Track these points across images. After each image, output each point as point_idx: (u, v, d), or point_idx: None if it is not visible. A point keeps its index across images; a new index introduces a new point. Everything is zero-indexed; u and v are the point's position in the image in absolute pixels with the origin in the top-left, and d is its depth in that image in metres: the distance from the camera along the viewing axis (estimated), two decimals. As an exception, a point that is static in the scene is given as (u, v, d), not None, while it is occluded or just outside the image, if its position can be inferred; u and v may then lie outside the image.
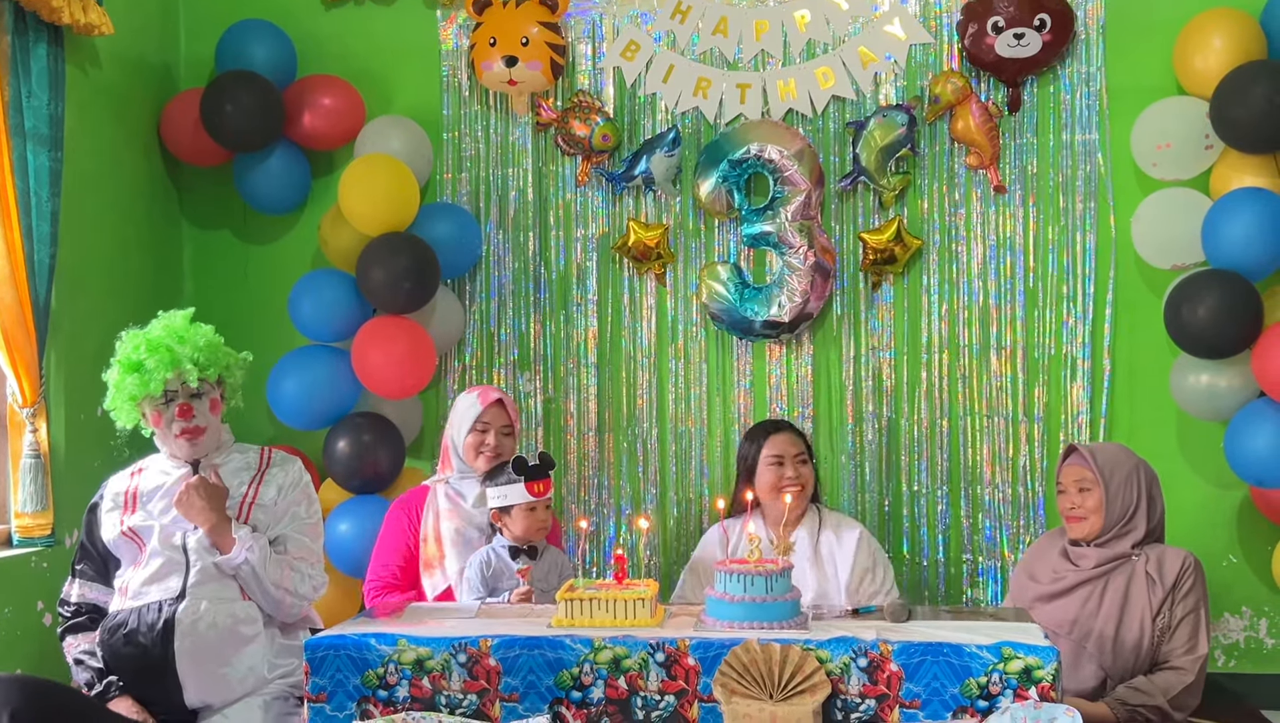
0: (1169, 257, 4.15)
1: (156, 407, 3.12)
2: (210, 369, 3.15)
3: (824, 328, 4.49)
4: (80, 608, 3.20)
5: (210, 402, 3.17)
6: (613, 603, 2.86)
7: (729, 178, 4.38)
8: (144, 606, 3.06)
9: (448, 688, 2.79)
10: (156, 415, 3.13)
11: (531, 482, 3.37)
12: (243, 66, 4.46)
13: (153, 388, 3.07)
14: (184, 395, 3.12)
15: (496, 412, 3.63)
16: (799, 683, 2.64)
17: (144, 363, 3.08)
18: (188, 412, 3.11)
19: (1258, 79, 3.90)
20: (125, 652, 3.05)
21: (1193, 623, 3.20)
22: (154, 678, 3.03)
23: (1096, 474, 3.29)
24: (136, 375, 3.09)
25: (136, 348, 3.10)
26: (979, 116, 4.31)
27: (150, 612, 3.05)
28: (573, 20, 4.59)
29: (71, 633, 3.18)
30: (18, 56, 3.74)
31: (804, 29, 4.48)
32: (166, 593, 3.06)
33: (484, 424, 3.61)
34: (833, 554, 3.55)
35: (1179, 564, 3.24)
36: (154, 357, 3.08)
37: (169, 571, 3.08)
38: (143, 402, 3.12)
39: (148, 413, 3.15)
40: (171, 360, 3.07)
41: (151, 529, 3.12)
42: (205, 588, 3.07)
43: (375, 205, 4.27)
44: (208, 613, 3.05)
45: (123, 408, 3.15)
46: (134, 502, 3.18)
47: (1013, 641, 2.66)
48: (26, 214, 3.75)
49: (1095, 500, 3.30)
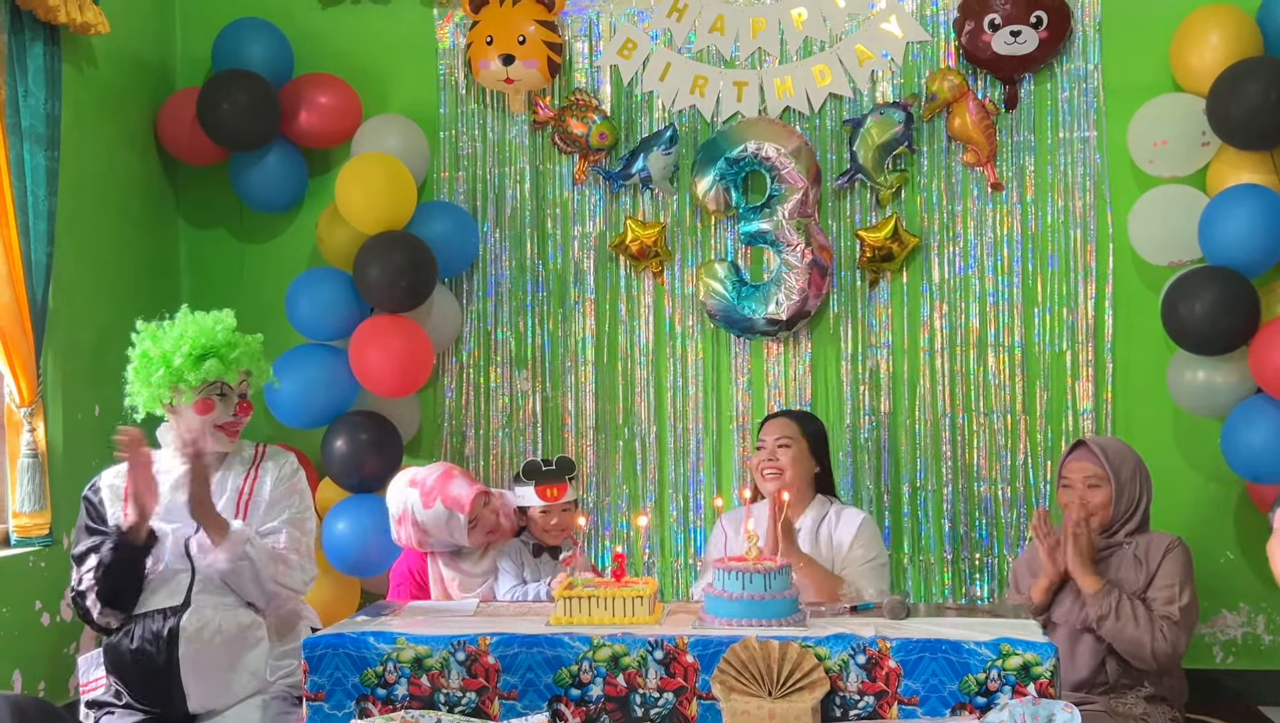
0: (1166, 253, 4.15)
1: (210, 395, 3.09)
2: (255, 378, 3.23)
3: (822, 326, 4.49)
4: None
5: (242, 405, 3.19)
6: (611, 601, 2.85)
7: (726, 176, 4.38)
8: (147, 613, 3.02)
9: (447, 686, 2.79)
10: (205, 405, 3.09)
11: (543, 486, 3.37)
12: (239, 65, 4.45)
13: (229, 375, 3.10)
14: (237, 394, 3.15)
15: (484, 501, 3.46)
16: (798, 680, 2.64)
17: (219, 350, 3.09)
18: (247, 409, 3.17)
19: (1254, 76, 3.90)
20: (129, 662, 3.01)
21: (1170, 594, 3.19)
22: (158, 687, 3.01)
23: (1108, 471, 3.30)
24: (214, 361, 3.07)
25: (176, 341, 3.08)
26: (976, 114, 4.32)
27: (154, 621, 3.01)
28: (569, 18, 4.59)
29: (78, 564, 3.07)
30: (14, 55, 3.74)
31: (801, 27, 4.48)
32: (171, 600, 3.03)
33: (473, 521, 3.41)
34: (831, 536, 3.53)
35: (1164, 546, 3.27)
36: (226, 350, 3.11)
37: (173, 577, 3.05)
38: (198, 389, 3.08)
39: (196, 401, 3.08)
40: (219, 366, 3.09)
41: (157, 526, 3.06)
42: (209, 596, 3.04)
43: (372, 204, 4.27)
44: (213, 620, 3.02)
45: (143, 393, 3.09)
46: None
47: (1011, 637, 2.66)
48: (23, 213, 3.75)
49: (1103, 497, 3.31)
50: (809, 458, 3.60)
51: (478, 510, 3.41)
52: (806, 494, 3.60)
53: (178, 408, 3.11)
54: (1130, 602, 3.15)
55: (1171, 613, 3.16)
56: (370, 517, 4.22)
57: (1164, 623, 3.14)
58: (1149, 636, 3.12)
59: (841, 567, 3.47)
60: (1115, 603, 3.14)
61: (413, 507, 3.41)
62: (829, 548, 3.51)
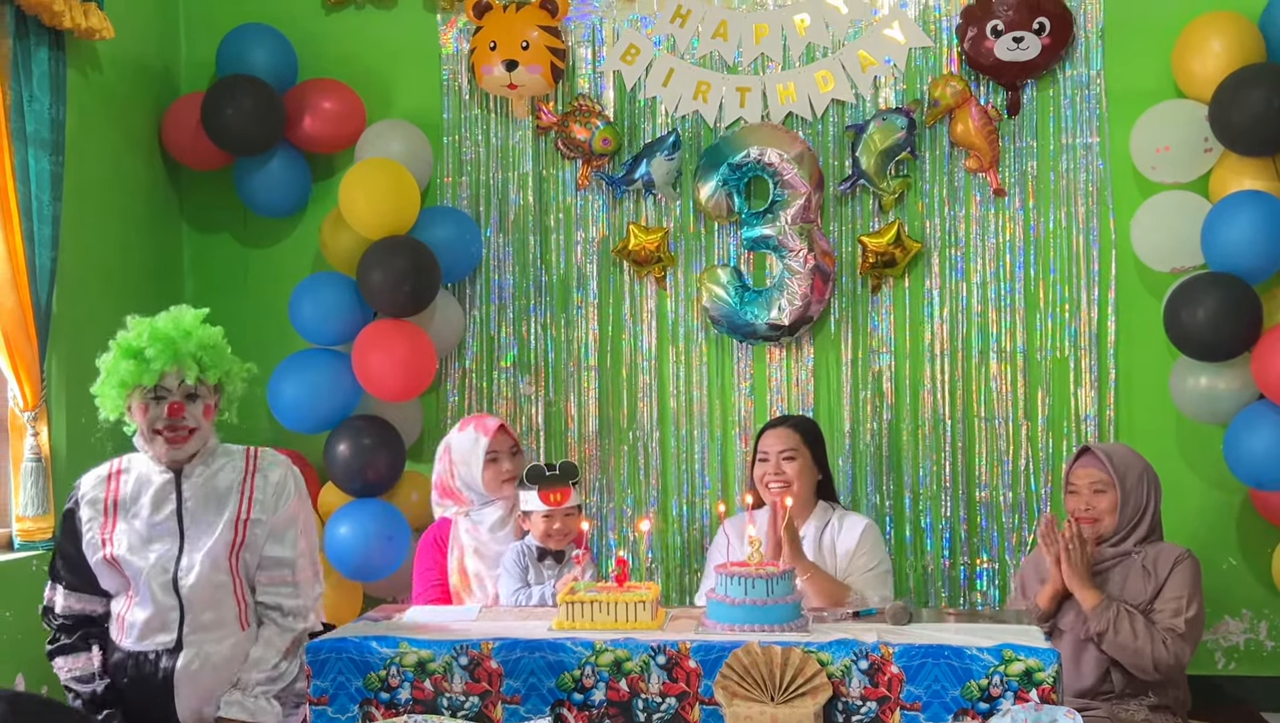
0: (1168, 260, 4.16)
1: (146, 400, 2.90)
2: (211, 371, 2.96)
3: (824, 331, 4.49)
4: (66, 622, 3.00)
5: (204, 407, 2.97)
6: (614, 606, 2.86)
7: (729, 181, 4.39)
8: (140, 652, 2.94)
9: (449, 690, 2.80)
10: (144, 409, 2.91)
11: (546, 491, 3.38)
12: (243, 70, 4.46)
13: (147, 378, 2.88)
14: (179, 394, 2.91)
15: (501, 438, 3.61)
16: (800, 685, 2.64)
17: (144, 351, 2.88)
18: (178, 410, 2.90)
19: (1256, 82, 3.91)
20: (126, 698, 2.94)
21: (1178, 606, 3.18)
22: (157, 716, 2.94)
23: (1112, 476, 3.30)
24: (133, 362, 2.88)
25: (140, 335, 2.91)
26: (978, 120, 4.32)
27: (147, 664, 2.93)
28: (573, 24, 4.60)
29: (61, 655, 2.99)
30: (19, 61, 3.75)
31: (803, 33, 4.49)
32: (163, 642, 2.93)
33: (494, 453, 3.57)
34: (835, 543, 3.53)
35: (1173, 557, 3.26)
36: (155, 346, 2.88)
37: (162, 617, 2.92)
38: (133, 393, 2.91)
39: (135, 406, 2.92)
40: (173, 354, 2.89)
41: (137, 559, 2.92)
42: (201, 634, 2.93)
43: (376, 209, 4.28)
44: (208, 660, 2.93)
45: (111, 395, 2.93)
46: (114, 512, 2.97)
47: (1014, 643, 2.66)
48: (28, 218, 3.75)
49: (1109, 502, 3.31)
50: (813, 467, 3.60)
51: (500, 447, 3.54)
52: (809, 502, 3.60)
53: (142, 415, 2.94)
54: (1129, 616, 3.14)
55: (1177, 626, 3.16)
56: (373, 521, 4.22)
57: (1168, 635, 3.14)
58: (1150, 647, 3.12)
59: (845, 575, 3.47)
60: (1114, 618, 3.14)
61: (451, 435, 3.63)
62: (832, 556, 3.51)
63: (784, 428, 3.65)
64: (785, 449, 3.57)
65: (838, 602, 3.23)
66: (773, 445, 3.59)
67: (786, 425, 3.67)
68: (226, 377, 3.03)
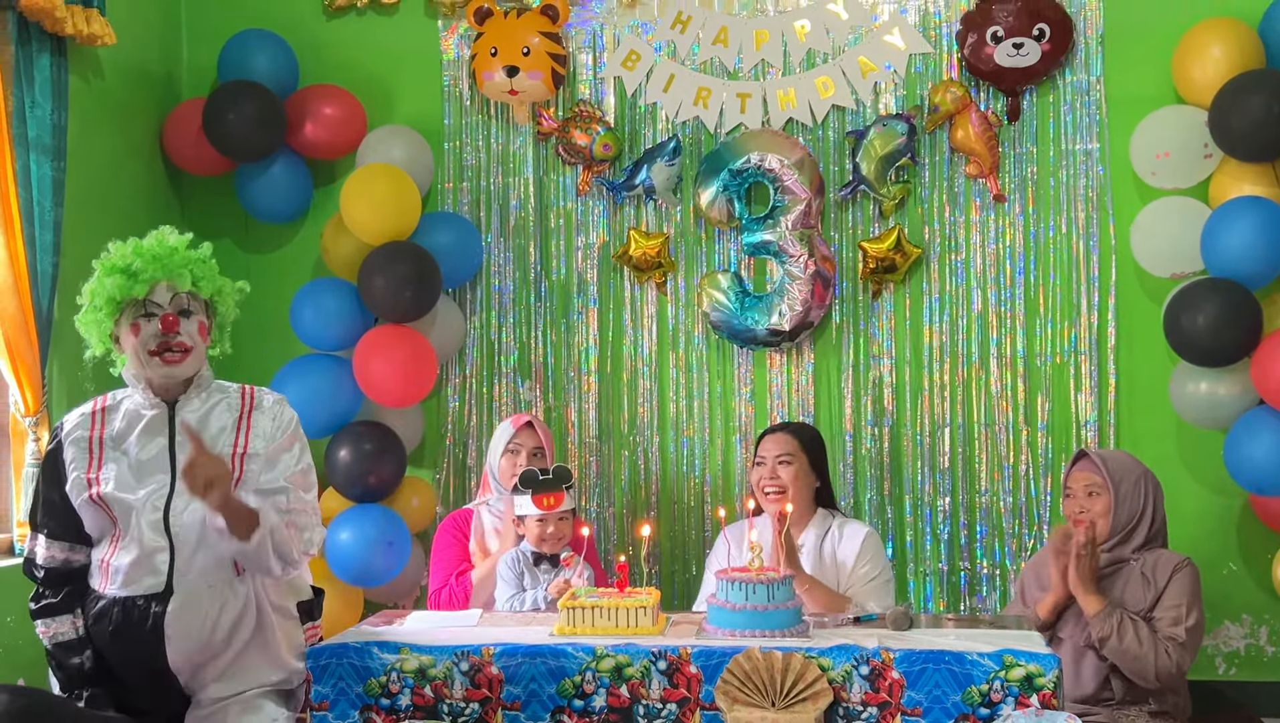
0: (1168, 265, 4.16)
1: (137, 318, 2.73)
2: (203, 282, 2.80)
3: (824, 337, 4.50)
4: (51, 576, 2.82)
5: (199, 324, 2.79)
6: (615, 611, 2.86)
7: (729, 187, 4.39)
8: (128, 597, 2.74)
9: (450, 696, 2.80)
10: (134, 330, 2.73)
11: (539, 495, 3.39)
12: (245, 76, 4.47)
13: (138, 290, 2.71)
14: (172, 308, 2.74)
15: (527, 434, 3.74)
16: (801, 691, 2.64)
17: (131, 265, 2.72)
18: (172, 324, 2.72)
19: (1256, 88, 3.91)
20: (113, 647, 2.77)
21: (1177, 615, 3.18)
22: (146, 677, 2.78)
23: (1106, 479, 3.30)
24: (121, 277, 2.72)
25: (125, 252, 2.76)
26: (978, 126, 4.33)
27: (134, 610, 2.73)
28: (573, 30, 4.61)
29: (45, 615, 2.83)
30: (21, 66, 3.75)
31: (804, 39, 4.50)
32: (151, 586, 2.74)
33: (516, 445, 3.73)
34: (835, 552, 3.53)
35: (1172, 565, 3.25)
36: (143, 259, 2.73)
37: (151, 557, 2.74)
38: (123, 313, 2.74)
39: (124, 331, 2.75)
40: (163, 266, 2.73)
41: (126, 496, 2.75)
42: (193, 578, 2.74)
43: (377, 214, 4.28)
44: (200, 607, 2.74)
45: (98, 320, 2.76)
46: (100, 452, 2.79)
47: (1014, 648, 2.66)
48: (29, 223, 3.75)
49: (1103, 505, 3.31)
50: (810, 473, 3.60)
51: (524, 442, 3.72)
52: (808, 509, 3.60)
53: (134, 334, 2.75)
54: (1133, 622, 3.14)
55: (1177, 634, 3.15)
56: (374, 527, 4.22)
57: (1169, 644, 3.14)
58: (1152, 655, 3.11)
59: (847, 584, 3.47)
60: (1117, 623, 3.14)
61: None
62: (833, 564, 3.51)
63: (782, 433, 3.65)
64: (781, 454, 3.57)
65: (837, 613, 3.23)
66: (769, 450, 3.59)
67: (785, 431, 3.67)
68: (219, 294, 2.87)
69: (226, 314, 2.91)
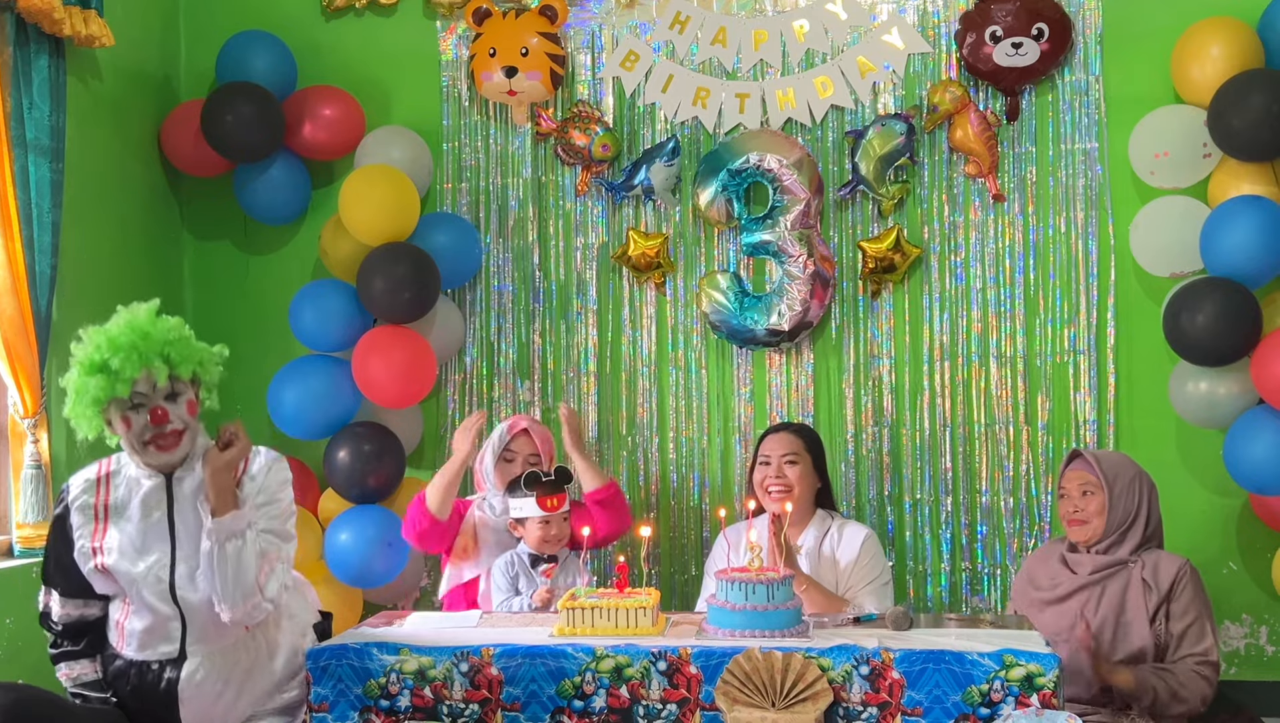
0: (1167, 265, 4.16)
1: (125, 412, 2.76)
2: (182, 366, 2.79)
3: (824, 337, 4.50)
4: (67, 628, 2.92)
5: (186, 403, 2.81)
6: (614, 612, 2.86)
7: (728, 187, 4.39)
8: (144, 662, 2.84)
9: (450, 697, 2.80)
10: (125, 422, 2.77)
11: (544, 497, 3.38)
12: (243, 77, 4.47)
13: (119, 391, 2.72)
14: (157, 397, 2.76)
15: (522, 441, 3.72)
16: (801, 691, 2.64)
17: (108, 363, 2.72)
18: (162, 417, 2.75)
19: (1255, 87, 3.91)
20: (130, 704, 2.86)
21: (1198, 631, 3.19)
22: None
23: (1100, 479, 3.30)
24: (100, 377, 2.73)
25: (98, 348, 2.74)
26: (977, 125, 4.33)
27: (150, 674, 2.84)
28: (572, 30, 4.61)
29: (65, 661, 2.92)
30: (19, 68, 3.75)
31: (802, 39, 4.49)
32: (165, 652, 2.83)
33: (510, 453, 3.73)
34: (834, 553, 3.53)
35: (1174, 570, 3.24)
36: (118, 356, 2.72)
37: (163, 628, 2.82)
38: (109, 407, 2.76)
39: (115, 420, 2.78)
40: (139, 359, 2.73)
41: (129, 567, 2.82)
42: (205, 644, 2.84)
43: (375, 215, 4.28)
44: (212, 670, 2.84)
45: (85, 415, 2.77)
46: (105, 519, 2.86)
47: (1014, 648, 2.66)
48: (28, 225, 3.75)
49: (1098, 505, 3.30)
50: (813, 474, 3.62)
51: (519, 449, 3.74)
52: (809, 510, 3.60)
53: (125, 428, 2.80)
54: (1164, 681, 3.13)
55: (1208, 653, 3.17)
56: (373, 527, 4.22)
57: (1203, 668, 3.15)
58: (1196, 691, 3.14)
59: (846, 586, 3.47)
60: (1156, 686, 3.13)
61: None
62: (831, 565, 3.51)
63: (786, 433, 3.66)
64: (787, 453, 3.58)
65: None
66: (774, 450, 3.59)
67: (789, 431, 3.68)
68: (200, 367, 2.86)
69: (212, 379, 2.91)
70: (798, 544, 3.54)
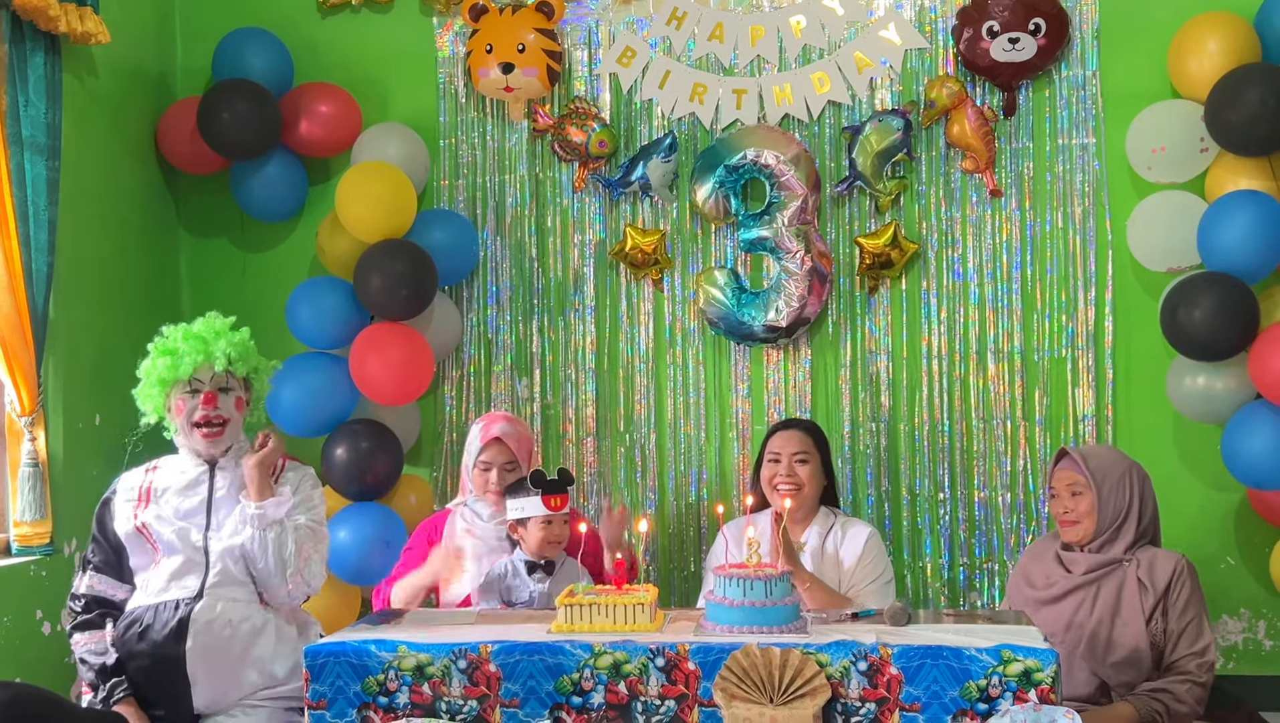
0: (1165, 259, 4.16)
1: (183, 395, 3.16)
2: (239, 364, 3.22)
3: (821, 332, 4.50)
4: (89, 602, 3.18)
5: (236, 400, 3.22)
6: (612, 608, 2.86)
7: (725, 183, 4.39)
8: (161, 602, 3.08)
9: (448, 694, 2.79)
10: (181, 404, 3.16)
11: (548, 496, 3.37)
12: (239, 75, 4.46)
13: (182, 372, 3.14)
14: (211, 386, 3.17)
15: (497, 450, 3.60)
16: (799, 687, 2.64)
17: (177, 349, 3.16)
18: (211, 400, 3.16)
19: (1252, 82, 3.91)
20: (138, 648, 3.06)
21: (1195, 630, 3.18)
22: (164, 676, 3.05)
23: (1088, 478, 3.27)
24: (169, 359, 3.15)
25: (174, 337, 3.20)
26: (974, 121, 4.33)
27: (166, 609, 3.07)
28: (569, 27, 4.60)
29: (80, 630, 3.16)
30: (15, 65, 3.75)
31: (799, 35, 4.49)
32: (184, 592, 3.09)
33: (485, 462, 3.60)
34: (837, 551, 3.53)
35: (1170, 568, 3.21)
36: (188, 343, 3.17)
37: (188, 570, 3.11)
38: (171, 390, 3.17)
39: (174, 404, 3.17)
40: (204, 350, 3.16)
41: (165, 528, 3.13)
42: (223, 590, 3.10)
43: (372, 212, 4.28)
44: (224, 613, 3.07)
45: (151, 395, 3.18)
46: (148, 497, 3.19)
47: (1012, 643, 2.66)
48: (24, 223, 3.75)
49: (1087, 504, 3.28)
50: (822, 472, 3.62)
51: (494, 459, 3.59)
52: (813, 508, 3.61)
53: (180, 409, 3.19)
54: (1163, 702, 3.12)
55: (1207, 653, 3.16)
56: (371, 525, 4.22)
57: (1200, 673, 3.15)
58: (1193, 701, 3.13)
59: (848, 584, 3.47)
60: (1156, 708, 3.12)
61: None
62: (834, 563, 3.51)
63: (797, 431, 3.66)
64: (799, 451, 3.58)
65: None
66: (785, 447, 3.59)
67: (798, 428, 3.68)
68: (254, 373, 3.29)
69: (262, 390, 3.34)
70: (801, 542, 3.54)
